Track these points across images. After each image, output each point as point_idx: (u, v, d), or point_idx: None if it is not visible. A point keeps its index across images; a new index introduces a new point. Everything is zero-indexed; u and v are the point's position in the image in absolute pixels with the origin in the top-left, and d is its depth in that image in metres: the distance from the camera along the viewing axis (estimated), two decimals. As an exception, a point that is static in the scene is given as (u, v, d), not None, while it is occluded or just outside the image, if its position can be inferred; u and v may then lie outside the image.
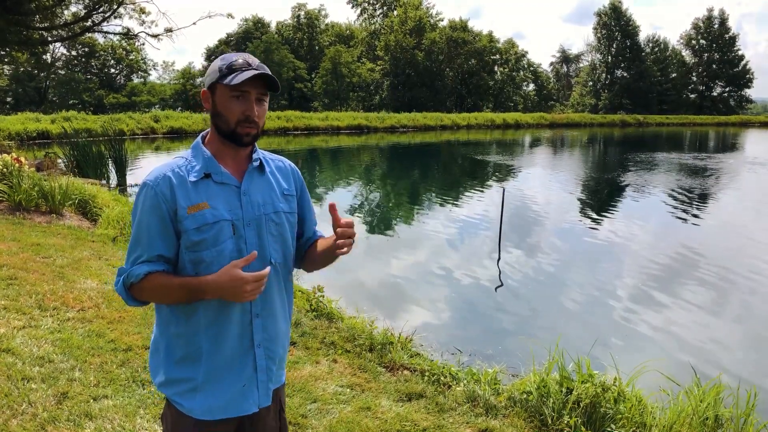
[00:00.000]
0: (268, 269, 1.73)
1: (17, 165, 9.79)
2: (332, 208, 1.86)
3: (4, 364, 3.92)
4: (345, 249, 1.82)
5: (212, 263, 1.76)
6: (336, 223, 1.84)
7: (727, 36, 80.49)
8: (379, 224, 12.59)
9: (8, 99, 58.39)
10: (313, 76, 68.63)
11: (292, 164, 2.05)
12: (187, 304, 1.78)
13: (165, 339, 1.86)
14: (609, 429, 3.65)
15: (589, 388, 3.79)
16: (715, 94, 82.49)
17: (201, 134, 1.92)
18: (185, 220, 1.75)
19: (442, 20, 73.16)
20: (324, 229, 2.11)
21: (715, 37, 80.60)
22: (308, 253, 2.07)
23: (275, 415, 1.99)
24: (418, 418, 3.71)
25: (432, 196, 16.47)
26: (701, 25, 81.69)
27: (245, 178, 1.85)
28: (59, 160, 15.69)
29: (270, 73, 1.80)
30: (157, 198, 1.76)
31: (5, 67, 53.42)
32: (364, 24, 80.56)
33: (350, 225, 1.83)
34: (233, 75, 1.75)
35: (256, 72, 1.75)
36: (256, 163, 1.89)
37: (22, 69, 56.88)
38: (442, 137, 41.32)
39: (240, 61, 1.78)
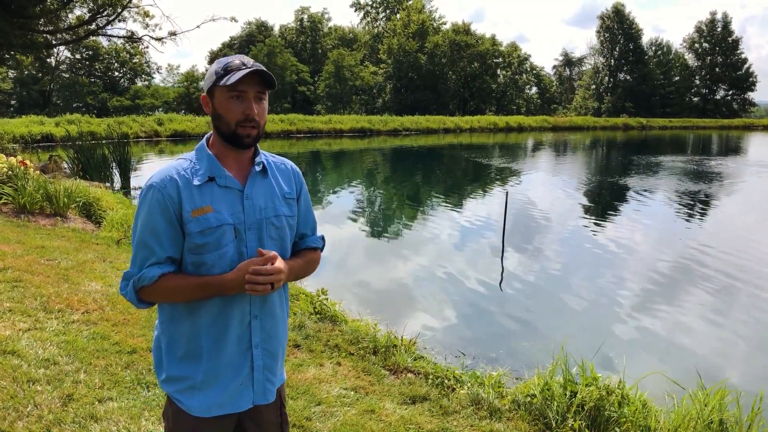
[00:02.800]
0: (273, 254, 1.76)
1: (22, 168, 9.83)
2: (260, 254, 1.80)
3: (9, 366, 3.93)
4: (257, 289, 1.74)
5: (214, 266, 1.79)
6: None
7: (730, 39, 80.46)
8: (383, 227, 12.60)
9: (12, 102, 58.61)
10: (316, 79, 68.78)
11: (294, 166, 2.05)
12: (189, 305, 1.82)
13: (166, 337, 1.89)
14: (613, 432, 3.64)
15: (593, 391, 3.79)
16: (718, 97, 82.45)
17: (205, 137, 1.92)
18: (189, 223, 1.76)
19: (445, 24, 73.39)
20: (327, 233, 2.10)
21: (718, 41, 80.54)
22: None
23: (276, 410, 2.03)
24: (422, 421, 3.71)
25: (435, 200, 16.47)
26: (704, 28, 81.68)
27: (248, 182, 1.86)
28: (63, 163, 15.75)
29: (265, 69, 1.79)
30: (165, 200, 1.77)
31: (9, 70, 53.66)
32: (367, 27, 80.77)
33: (266, 261, 1.76)
34: (229, 75, 1.76)
35: (250, 69, 1.76)
36: (258, 167, 1.89)
37: (26, 72, 57.15)
38: (444, 140, 41.34)
39: (236, 62, 1.79)
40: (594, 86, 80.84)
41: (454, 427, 3.68)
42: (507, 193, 10.36)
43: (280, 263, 1.79)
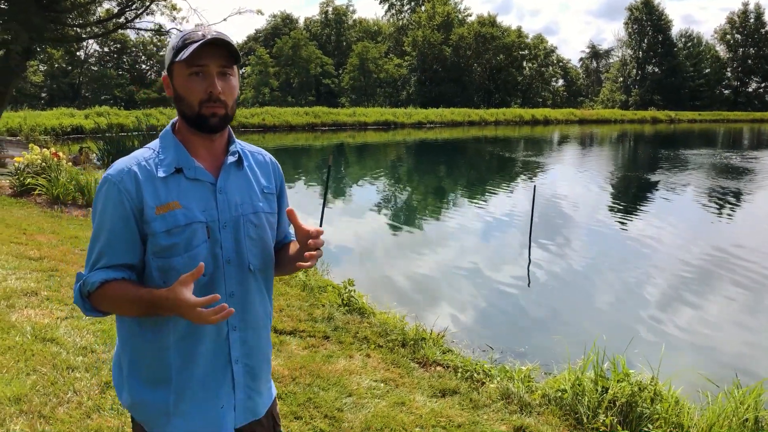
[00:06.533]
0: (224, 305, 1.42)
1: (55, 160, 10.04)
2: (291, 214, 1.63)
3: (49, 354, 4.03)
4: (309, 263, 1.58)
5: (183, 271, 1.48)
6: (299, 232, 1.63)
7: (763, 31, 78.70)
8: (407, 220, 12.60)
9: (43, 95, 59.69)
10: (340, 72, 68.87)
11: (273, 158, 1.82)
12: (151, 317, 1.55)
13: (128, 354, 1.63)
14: (646, 429, 3.62)
15: (625, 387, 3.77)
16: (750, 89, 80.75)
17: (171, 122, 1.67)
18: (153, 222, 1.52)
19: (470, 15, 72.90)
20: (352, 225, 2.08)
21: (750, 32, 78.84)
22: (277, 258, 1.81)
23: (269, 431, 1.82)
24: (453, 414, 3.72)
25: (460, 193, 16.42)
26: (736, 19, 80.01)
27: (221, 174, 1.61)
28: (93, 155, 16.04)
29: (227, 38, 1.53)
30: (121, 195, 1.52)
31: (40, 64, 54.69)
32: (391, 20, 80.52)
33: (319, 235, 1.60)
34: (187, 48, 1.51)
35: (208, 38, 1.51)
36: (233, 157, 1.65)
37: (56, 65, 58.15)
38: (469, 133, 41.14)
39: (199, 33, 1.53)
40: (621, 79, 79.69)
41: (485, 421, 3.69)
42: (534, 186, 10.29)
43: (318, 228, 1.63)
